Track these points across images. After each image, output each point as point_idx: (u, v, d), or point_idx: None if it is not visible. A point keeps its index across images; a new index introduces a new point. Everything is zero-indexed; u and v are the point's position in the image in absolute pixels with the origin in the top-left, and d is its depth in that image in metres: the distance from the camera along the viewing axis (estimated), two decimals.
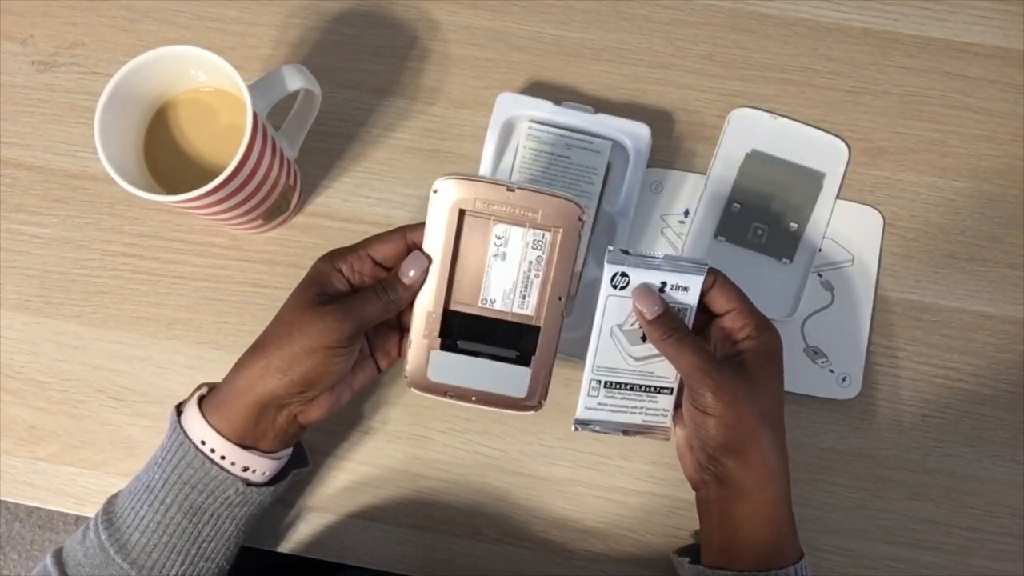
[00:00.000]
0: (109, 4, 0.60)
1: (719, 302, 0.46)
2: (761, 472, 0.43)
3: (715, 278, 0.45)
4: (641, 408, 0.48)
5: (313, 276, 0.45)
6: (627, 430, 0.48)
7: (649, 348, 0.46)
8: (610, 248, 0.45)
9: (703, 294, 0.46)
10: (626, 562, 0.53)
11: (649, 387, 0.47)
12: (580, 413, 0.47)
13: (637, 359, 0.47)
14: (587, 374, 0.47)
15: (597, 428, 0.48)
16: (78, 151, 0.59)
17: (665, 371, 0.47)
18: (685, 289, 0.45)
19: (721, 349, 0.45)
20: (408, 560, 0.53)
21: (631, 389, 0.47)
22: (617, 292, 0.46)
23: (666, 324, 0.44)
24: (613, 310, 0.46)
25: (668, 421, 0.48)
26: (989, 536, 0.53)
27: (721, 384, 0.42)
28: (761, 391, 0.43)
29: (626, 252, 0.45)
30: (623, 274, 0.45)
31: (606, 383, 0.47)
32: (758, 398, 0.43)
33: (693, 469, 0.46)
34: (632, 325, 0.46)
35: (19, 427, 0.55)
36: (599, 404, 0.47)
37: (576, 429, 0.47)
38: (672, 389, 0.48)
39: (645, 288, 0.45)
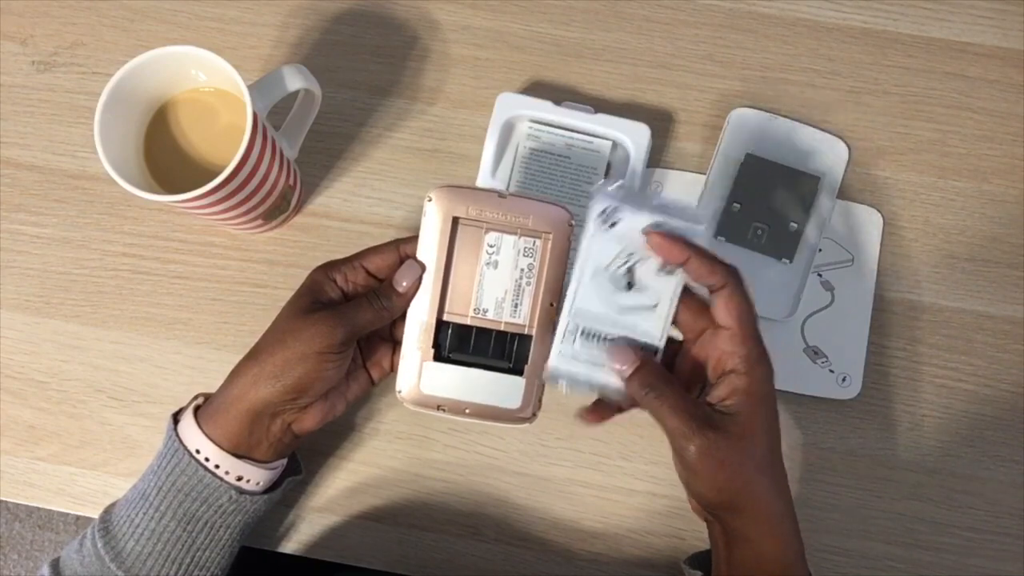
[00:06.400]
0: (109, 4, 0.60)
1: (721, 313, 0.41)
2: (762, 521, 0.41)
3: (726, 283, 0.41)
4: None
5: (307, 285, 0.45)
6: (602, 391, 0.43)
7: (637, 298, 0.42)
8: (601, 182, 0.41)
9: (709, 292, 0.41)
10: (626, 562, 0.53)
11: (632, 343, 0.43)
12: (552, 361, 0.43)
13: (622, 308, 0.42)
14: (563, 317, 0.42)
15: (567, 383, 0.43)
16: (78, 151, 0.59)
17: (651, 327, 0.42)
18: None
19: (712, 373, 0.42)
20: (408, 560, 0.53)
21: (612, 342, 0.43)
22: (605, 230, 0.41)
23: (643, 379, 0.41)
24: (599, 250, 0.42)
25: None
26: (989, 536, 0.53)
27: (706, 448, 0.39)
28: (753, 442, 0.40)
29: (620, 187, 0.41)
30: (615, 209, 0.41)
31: (583, 331, 0.42)
32: (750, 451, 0.40)
33: (695, 505, 0.44)
34: (619, 269, 0.42)
35: (19, 427, 0.55)
36: (573, 355, 0.42)
37: (544, 378, 0.43)
38: (657, 350, 0.43)
39: (622, 344, 0.42)
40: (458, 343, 0.45)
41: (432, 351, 0.44)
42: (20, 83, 0.59)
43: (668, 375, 0.42)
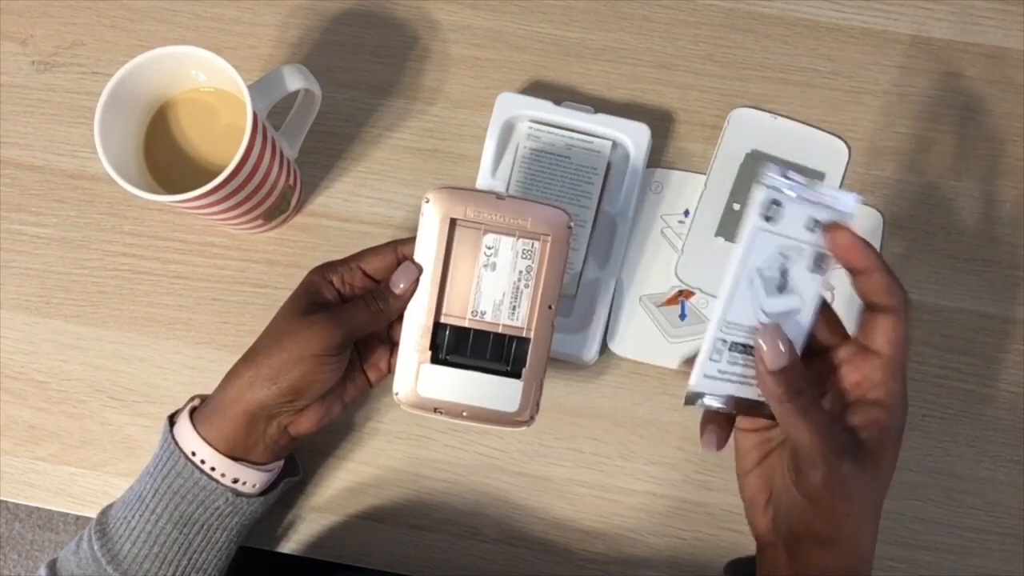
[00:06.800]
0: (109, 4, 0.60)
1: (879, 337, 0.38)
2: (850, 563, 0.38)
3: (898, 307, 0.37)
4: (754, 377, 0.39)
5: (304, 287, 0.45)
6: (740, 404, 0.40)
7: (785, 302, 0.38)
8: (771, 165, 0.37)
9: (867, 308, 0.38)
10: (626, 562, 0.53)
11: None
12: (695, 381, 0.38)
13: (768, 314, 0.38)
14: (712, 332, 0.38)
15: (710, 403, 0.39)
16: (78, 151, 0.59)
17: (792, 331, 0.38)
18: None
19: (844, 395, 0.39)
20: (408, 560, 0.53)
21: (752, 354, 0.39)
22: (766, 226, 0.36)
23: (791, 382, 0.37)
24: (759, 249, 0.37)
25: None
26: (989, 536, 0.53)
27: (839, 477, 0.36)
28: (877, 481, 0.38)
29: (784, 176, 0.37)
30: (777, 203, 0.36)
31: (732, 344, 0.38)
32: (875, 490, 0.38)
33: (763, 527, 0.41)
34: (772, 271, 0.38)
35: (19, 427, 0.55)
36: (719, 372, 0.39)
37: (688, 402, 0.39)
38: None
39: (775, 329, 0.37)
40: (456, 345, 0.44)
41: (429, 353, 0.44)
42: (20, 83, 0.59)
43: (811, 385, 0.38)
